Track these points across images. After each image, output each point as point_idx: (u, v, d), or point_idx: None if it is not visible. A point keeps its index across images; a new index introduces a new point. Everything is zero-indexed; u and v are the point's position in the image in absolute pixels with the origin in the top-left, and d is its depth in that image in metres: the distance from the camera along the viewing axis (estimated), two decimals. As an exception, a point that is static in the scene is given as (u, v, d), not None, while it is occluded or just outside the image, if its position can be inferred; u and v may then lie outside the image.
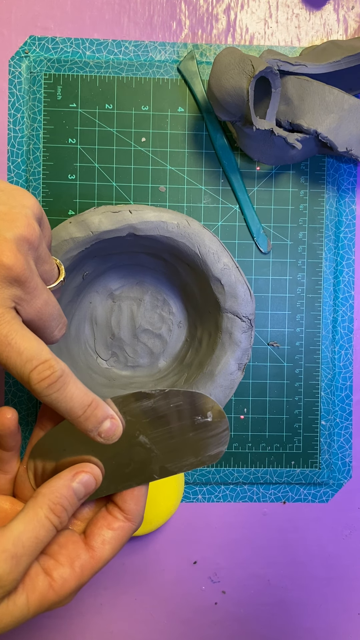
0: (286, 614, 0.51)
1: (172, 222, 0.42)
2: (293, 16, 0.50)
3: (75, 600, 0.50)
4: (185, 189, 0.49)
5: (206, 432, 0.35)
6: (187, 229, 0.42)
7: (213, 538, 0.50)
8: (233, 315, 0.43)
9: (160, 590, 0.50)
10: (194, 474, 0.50)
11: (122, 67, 0.48)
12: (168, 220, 0.42)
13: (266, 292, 0.50)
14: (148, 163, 0.49)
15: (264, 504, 0.50)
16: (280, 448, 0.50)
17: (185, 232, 0.42)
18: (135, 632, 0.50)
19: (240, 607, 0.51)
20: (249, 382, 0.50)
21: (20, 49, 0.48)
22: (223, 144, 0.49)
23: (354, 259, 0.50)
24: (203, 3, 0.49)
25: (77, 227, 0.42)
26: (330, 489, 0.51)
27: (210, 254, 0.43)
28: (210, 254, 0.43)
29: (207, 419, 0.34)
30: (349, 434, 0.51)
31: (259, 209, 0.49)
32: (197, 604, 0.50)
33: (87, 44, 0.48)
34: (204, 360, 0.44)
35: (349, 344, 0.50)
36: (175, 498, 0.47)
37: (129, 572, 0.50)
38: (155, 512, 0.47)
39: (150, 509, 0.47)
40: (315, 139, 0.46)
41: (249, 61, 0.42)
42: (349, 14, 0.50)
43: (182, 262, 0.45)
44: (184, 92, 0.49)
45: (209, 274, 0.43)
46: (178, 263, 0.46)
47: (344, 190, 0.50)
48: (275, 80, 0.44)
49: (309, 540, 0.51)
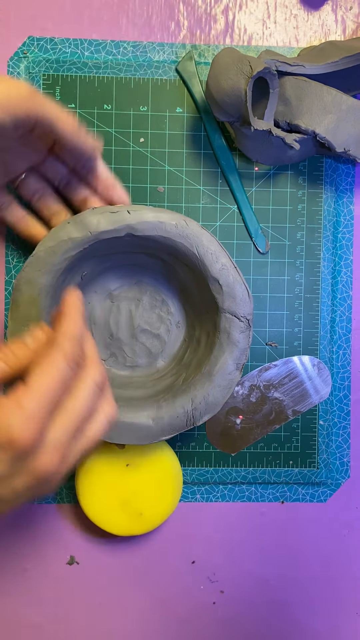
0: (284, 614, 0.51)
1: (170, 222, 0.42)
2: (291, 17, 0.50)
3: (75, 600, 0.50)
4: (183, 189, 0.49)
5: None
6: (186, 229, 0.42)
7: (211, 538, 0.50)
8: (231, 315, 0.43)
9: (158, 590, 0.50)
10: (192, 473, 0.50)
11: (120, 68, 0.48)
12: (166, 221, 0.42)
13: (264, 292, 0.50)
14: (146, 163, 0.49)
15: (262, 504, 0.51)
16: (279, 448, 0.50)
17: (184, 232, 0.42)
18: (134, 632, 0.50)
19: (239, 606, 0.51)
20: (247, 382, 0.50)
21: (19, 50, 0.48)
22: (221, 145, 0.49)
23: (352, 259, 0.50)
24: (201, 4, 0.49)
25: (76, 228, 0.42)
26: (328, 489, 0.51)
27: (208, 254, 0.43)
28: (209, 254, 0.43)
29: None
30: (347, 434, 0.51)
31: (257, 209, 0.50)
32: (196, 604, 0.51)
33: (85, 45, 0.48)
34: (202, 360, 0.44)
35: (347, 344, 0.50)
36: (173, 497, 0.47)
37: (128, 572, 0.50)
38: (153, 511, 0.47)
39: (149, 508, 0.47)
40: (313, 139, 0.46)
41: (247, 62, 0.42)
42: (347, 14, 0.50)
43: (180, 263, 0.45)
44: (182, 92, 0.49)
45: (207, 274, 0.43)
46: (176, 263, 0.46)
47: (342, 191, 0.50)
48: (273, 81, 0.44)
49: (307, 539, 0.51)
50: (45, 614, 0.50)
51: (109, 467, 0.47)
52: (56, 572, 0.50)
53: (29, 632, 0.50)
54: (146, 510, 0.47)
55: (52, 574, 0.50)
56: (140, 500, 0.47)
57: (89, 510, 0.47)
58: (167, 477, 0.47)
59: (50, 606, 0.50)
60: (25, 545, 0.50)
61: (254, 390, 0.49)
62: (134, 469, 0.47)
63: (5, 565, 0.50)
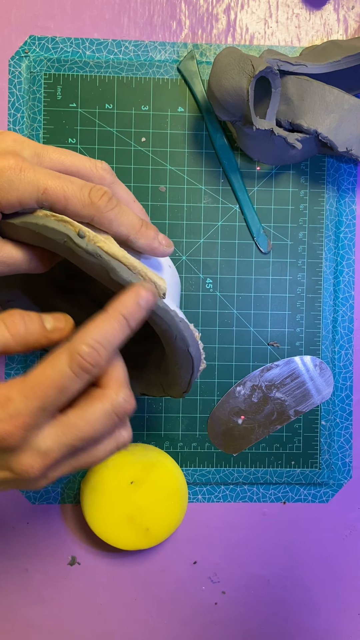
0: (286, 614, 0.51)
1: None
2: (293, 16, 0.50)
3: (76, 601, 0.50)
4: (185, 188, 0.49)
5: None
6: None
7: (213, 538, 0.50)
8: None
9: (160, 590, 0.50)
10: (194, 474, 0.50)
11: (122, 67, 0.48)
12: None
13: (266, 292, 0.50)
14: (148, 163, 0.49)
15: (264, 504, 0.50)
16: (280, 448, 0.50)
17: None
18: (135, 632, 0.50)
19: (240, 607, 0.51)
20: (249, 382, 0.50)
21: (20, 49, 0.48)
22: (223, 144, 0.49)
23: (354, 259, 0.50)
24: (203, 3, 0.49)
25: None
26: (330, 489, 0.51)
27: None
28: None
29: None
30: (349, 434, 0.51)
31: (259, 208, 0.49)
32: (197, 604, 0.50)
33: (87, 44, 0.48)
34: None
35: (349, 344, 0.50)
36: (179, 512, 0.47)
37: (129, 573, 0.50)
38: (159, 526, 0.47)
39: (155, 523, 0.47)
40: (315, 138, 0.46)
41: (249, 61, 0.42)
42: (349, 13, 0.50)
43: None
44: (184, 92, 0.49)
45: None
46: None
47: (344, 190, 0.50)
48: (275, 80, 0.44)
49: (309, 540, 0.51)
50: (45, 614, 0.50)
51: (114, 484, 0.46)
52: (57, 572, 0.50)
53: (29, 632, 0.50)
54: (152, 525, 0.47)
55: (53, 574, 0.50)
56: (146, 515, 0.47)
57: (95, 525, 0.47)
58: (172, 492, 0.47)
59: (51, 606, 0.50)
60: (26, 545, 0.50)
61: (255, 391, 0.49)
62: (139, 486, 0.47)
63: (6, 566, 0.50)
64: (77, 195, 0.32)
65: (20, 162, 0.32)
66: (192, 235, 0.49)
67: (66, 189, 0.32)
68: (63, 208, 0.33)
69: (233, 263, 0.49)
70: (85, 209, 0.32)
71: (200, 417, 0.50)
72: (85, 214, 0.33)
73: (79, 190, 0.32)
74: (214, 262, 0.49)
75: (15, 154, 0.32)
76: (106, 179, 0.35)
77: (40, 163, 0.34)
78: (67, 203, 0.32)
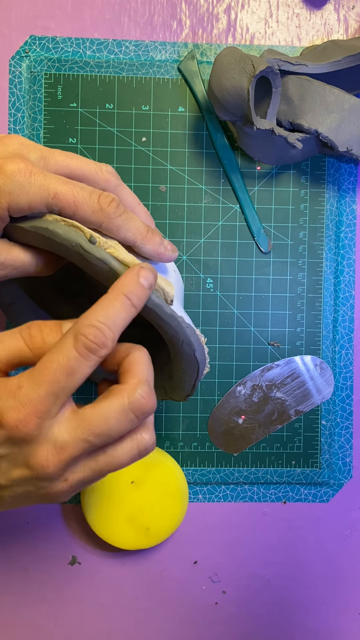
0: (287, 614, 0.51)
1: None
2: (294, 16, 0.50)
3: (77, 600, 0.50)
4: (185, 188, 0.49)
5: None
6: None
7: (213, 538, 0.50)
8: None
9: (160, 590, 0.50)
10: (194, 473, 0.50)
11: (122, 67, 0.48)
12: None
13: (267, 291, 0.50)
14: (148, 163, 0.49)
15: (265, 504, 0.50)
16: (281, 448, 0.50)
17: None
18: (136, 633, 0.50)
19: (241, 607, 0.51)
20: (250, 382, 0.50)
21: (20, 49, 0.48)
22: (223, 144, 0.49)
23: (355, 259, 0.50)
24: (203, 3, 0.49)
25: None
26: (330, 489, 0.51)
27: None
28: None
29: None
30: (350, 434, 0.51)
31: (260, 208, 0.49)
32: (198, 604, 0.50)
33: (87, 44, 0.48)
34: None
35: (350, 344, 0.50)
36: (180, 511, 0.47)
37: (130, 572, 0.50)
38: (160, 526, 0.47)
39: (155, 523, 0.47)
40: (315, 138, 0.46)
41: (250, 61, 0.42)
42: (349, 13, 0.50)
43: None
44: (184, 91, 0.49)
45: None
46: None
47: (345, 190, 0.50)
48: (276, 80, 0.44)
49: (309, 540, 0.51)
50: (46, 614, 0.50)
51: (114, 484, 0.46)
52: (58, 572, 0.50)
53: (29, 632, 0.50)
54: (153, 525, 0.47)
55: (53, 574, 0.50)
56: (147, 515, 0.47)
57: (96, 525, 0.47)
58: (173, 492, 0.47)
59: (51, 606, 0.50)
60: (27, 545, 0.50)
61: (256, 390, 0.49)
62: (139, 486, 0.47)
63: (6, 566, 0.50)
64: (86, 201, 0.33)
65: (30, 165, 0.32)
66: (192, 235, 0.49)
67: (76, 194, 0.33)
68: (72, 213, 0.33)
69: (233, 263, 0.49)
70: (95, 215, 0.33)
71: (200, 417, 0.50)
72: (94, 219, 0.33)
73: (89, 196, 0.33)
74: (214, 261, 0.49)
75: (22, 157, 0.33)
76: (111, 181, 0.36)
77: (46, 166, 0.34)
78: (77, 208, 0.33)
